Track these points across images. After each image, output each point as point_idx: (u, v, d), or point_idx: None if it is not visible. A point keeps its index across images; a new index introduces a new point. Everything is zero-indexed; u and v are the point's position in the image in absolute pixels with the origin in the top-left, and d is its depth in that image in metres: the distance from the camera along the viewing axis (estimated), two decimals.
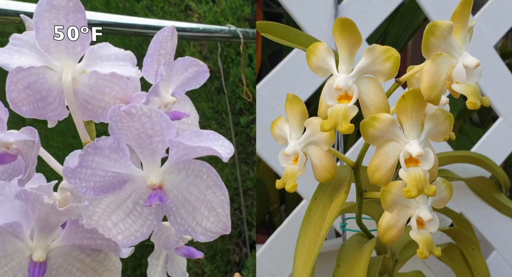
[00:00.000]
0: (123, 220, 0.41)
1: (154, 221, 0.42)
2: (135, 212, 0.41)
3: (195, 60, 0.50)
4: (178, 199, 0.41)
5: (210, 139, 0.40)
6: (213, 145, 0.40)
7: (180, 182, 0.41)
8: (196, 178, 0.41)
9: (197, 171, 0.41)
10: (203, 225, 0.42)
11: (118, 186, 0.41)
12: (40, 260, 0.39)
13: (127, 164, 0.40)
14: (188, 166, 0.41)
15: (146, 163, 0.41)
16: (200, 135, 0.40)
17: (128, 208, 0.41)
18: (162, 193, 0.40)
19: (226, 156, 0.39)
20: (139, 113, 0.38)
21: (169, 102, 0.47)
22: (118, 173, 0.40)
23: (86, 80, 0.44)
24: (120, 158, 0.40)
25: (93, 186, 0.40)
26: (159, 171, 0.41)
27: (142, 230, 0.41)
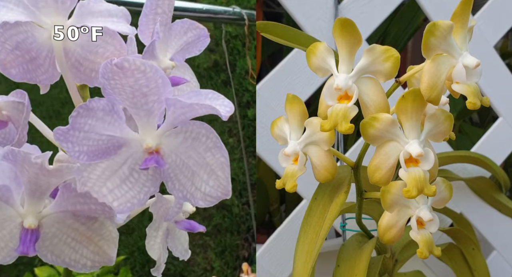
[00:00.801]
0: (119, 186, 0.39)
1: (152, 188, 0.40)
2: (131, 178, 0.40)
3: (195, 22, 0.48)
4: (176, 164, 0.40)
5: (209, 98, 0.38)
6: (212, 103, 0.38)
7: (178, 146, 0.39)
8: (195, 140, 0.39)
9: (196, 133, 0.39)
10: (202, 190, 0.40)
11: (113, 151, 0.39)
12: (31, 227, 0.37)
13: (121, 127, 0.38)
14: (186, 128, 0.39)
15: (142, 125, 0.39)
16: (199, 94, 0.38)
17: (124, 174, 0.39)
18: (159, 157, 0.38)
19: (225, 114, 0.37)
20: (132, 68, 0.36)
21: (167, 66, 0.44)
22: (112, 137, 0.38)
23: (78, 38, 0.41)
24: (114, 120, 0.38)
25: (86, 150, 0.38)
26: (156, 133, 0.39)
27: (139, 197, 0.40)
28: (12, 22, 0.39)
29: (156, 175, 0.40)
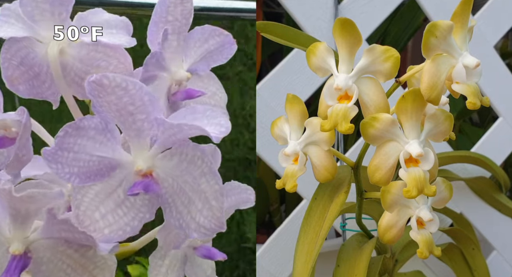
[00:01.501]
0: (113, 211, 0.37)
1: (147, 214, 0.38)
2: (127, 202, 0.37)
3: (217, 29, 0.44)
4: (173, 189, 0.37)
5: (207, 117, 0.35)
6: (205, 123, 0.35)
7: (173, 168, 0.37)
8: (190, 164, 0.37)
9: (191, 155, 0.37)
10: (196, 220, 0.37)
11: (107, 173, 0.37)
12: (16, 253, 0.35)
13: (114, 148, 0.36)
14: (181, 150, 0.37)
15: (134, 146, 0.37)
16: (195, 112, 0.36)
17: (119, 198, 0.37)
18: (151, 181, 0.36)
19: (217, 135, 0.34)
20: (112, 85, 0.34)
21: (181, 78, 0.42)
22: (104, 158, 0.36)
23: (76, 52, 0.39)
24: (107, 140, 0.36)
25: (77, 172, 0.36)
26: (147, 155, 0.36)
27: (133, 224, 0.37)
28: (14, 38, 0.38)
29: (153, 200, 0.38)
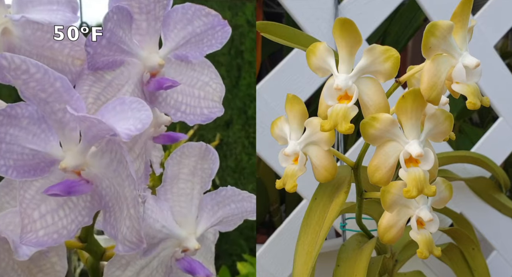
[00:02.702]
0: (53, 211, 0.34)
1: (86, 218, 0.34)
2: (69, 203, 0.34)
3: (203, 8, 0.40)
4: (112, 191, 0.34)
5: (132, 109, 0.33)
6: (125, 117, 0.32)
7: (106, 168, 0.33)
8: (120, 164, 0.33)
9: (120, 154, 0.33)
10: (121, 230, 0.34)
11: (46, 168, 0.34)
12: None
13: (47, 140, 0.33)
14: (110, 147, 0.33)
15: (62, 140, 0.33)
16: (123, 103, 0.33)
17: (62, 198, 0.34)
18: (79, 181, 0.33)
19: (127, 133, 0.31)
20: (12, 67, 0.30)
21: (153, 65, 0.38)
22: (36, 151, 0.33)
23: (20, 32, 0.35)
24: (41, 132, 0.33)
25: (13, 165, 0.33)
26: (76, 150, 0.33)
27: (70, 228, 0.34)
28: None
29: (94, 203, 0.35)
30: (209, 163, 0.42)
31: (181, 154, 0.41)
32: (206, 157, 0.42)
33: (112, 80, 0.38)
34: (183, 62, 0.41)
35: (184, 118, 0.41)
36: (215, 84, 0.43)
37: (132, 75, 0.38)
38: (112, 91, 0.37)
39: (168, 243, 0.40)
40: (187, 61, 0.41)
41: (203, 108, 0.42)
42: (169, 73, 0.40)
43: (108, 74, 0.37)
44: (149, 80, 0.39)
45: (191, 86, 0.42)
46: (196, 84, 0.42)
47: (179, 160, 0.41)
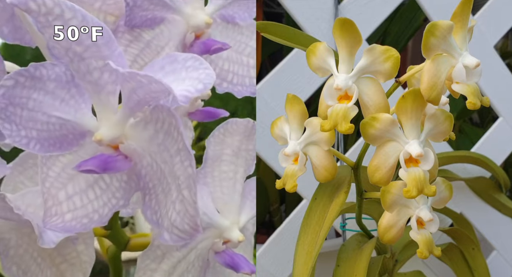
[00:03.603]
0: (82, 192, 0.29)
1: (121, 201, 0.30)
2: (101, 183, 0.29)
3: None
4: (153, 170, 0.29)
5: (186, 68, 0.27)
6: (180, 77, 0.27)
7: (150, 142, 0.28)
8: (167, 136, 0.28)
9: (168, 124, 0.28)
10: (169, 216, 0.29)
11: (75, 141, 0.29)
12: None
13: (78, 108, 0.28)
14: (156, 116, 0.28)
15: (98, 107, 0.28)
16: (174, 61, 0.27)
17: (92, 176, 0.29)
18: (117, 157, 0.27)
19: (185, 95, 0.26)
20: (42, 11, 0.25)
21: (198, 24, 0.33)
22: (64, 120, 0.28)
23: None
24: (71, 97, 0.28)
25: (36, 136, 0.27)
26: (114, 120, 0.28)
27: (102, 212, 0.29)
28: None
29: (132, 183, 0.30)
30: (253, 143, 0.38)
31: (225, 131, 0.36)
32: (252, 136, 0.38)
33: (151, 40, 0.33)
34: (229, 24, 0.36)
35: (231, 89, 0.36)
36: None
37: (173, 35, 0.34)
38: (150, 54, 0.33)
39: (207, 234, 0.34)
40: (234, 23, 0.37)
41: (253, 78, 0.37)
42: (215, 36, 0.35)
43: (147, 33, 0.32)
44: (192, 42, 0.34)
45: (238, 53, 0.37)
46: (244, 50, 0.37)
47: (222, 138, 0.36)
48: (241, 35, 0.37)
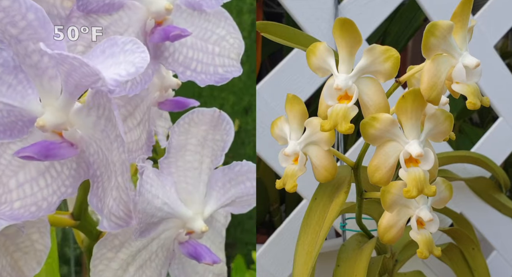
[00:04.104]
0: (33, 180, 0.29)
1: (69, 189, 0.30)
2: (52, 171, 0.29)
3: None
4: (100, 157, 0.28)
5: (124, 52, 0.27)
6: (116, 61, 0.26)
7: (93, 128, 0.28)
8: (108, 122, 0.27)
9: (108, 110, 0.27)
10: (107, 203, 0.28)
11: (24, 128, 0.28)
12: None
13: (25, 94, 0.27)
14: (98, 102, 0.27)
15: (41, 93, 0.27)
16: (113, 45, 0.27)
17: (44, 164, 0.29)
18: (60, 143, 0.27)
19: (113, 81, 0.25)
20: None
21: (158, 10, 0.32)
22: (11, 107, 0.27)
23: None
24: (18, 83, 0.27)
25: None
26: (55, 106, 0.27)
27: (51, 200, 0.29)
28: None
29: (81, 171, 0.29)
30: (222, 133, 0.37)
31: (190, 121, 0.35)
32: (219, 126, 0.37)
33: (108, 26, 0.32)
34: (195, 11, 0.36)
35: (194, 78, 0.35)
36: (232, 38, 0.37)
37: (132, 21, 0.33)
38: None
39: (170, 224, 0.35)
40: (200, 10, 0.36)
41: (217, 66, 0.36)
42: (179, 24, 0.35)
43: (104, 18, 0.32)
44: (153, 28, 0.33)
45: (204, 40, 0.36)
46: (210, 37, 0.36)
47: (187, 128, 0.35)
48: (207, 23, 0.36)
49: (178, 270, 0.36)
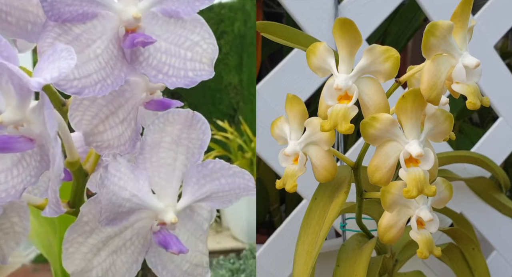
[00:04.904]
0: (8, 170, 0.32)
1: (33, 179, 0.33)
2: (24, 162, 0.33)
3: None
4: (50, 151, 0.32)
5: (60, 58, 0.30)
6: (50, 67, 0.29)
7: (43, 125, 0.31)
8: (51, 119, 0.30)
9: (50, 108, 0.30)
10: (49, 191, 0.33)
11: None
12: None
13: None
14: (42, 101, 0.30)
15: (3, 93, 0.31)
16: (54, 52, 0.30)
17: (17, 156, 0.33)
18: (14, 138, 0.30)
19: (35, 84, 0.28)
20: None
21: (128, 19, 0.35)
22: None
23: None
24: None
25: None
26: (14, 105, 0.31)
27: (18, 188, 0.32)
28: None
29: (43, 163, 0.33)
30: (198, 132, 0.39)
31: (165, 121, 0.38)
32: (194, 126, 0.38)
33: (81, 33, 0.34)
34: (172, 18, 0.38)
35: (166, 81, 0.37)
36: (206, 44, 0.38)
37: (106, 29, 0.36)
38: (79, 46, 0.34)
39: (142, 214, 0.37)
40: (177, 18, 0.38)
41: (188, 71, 0.38)
42: (154, 31, 0.37)
43: (78, 27, 0.34)
44: (124, 36, 0.36)
45: (178, 46, 0.38)
46: (184, 43, 0.38)
47: (162, 127, 0.38)
48: (182, 29, 0.38)
49: (154, 257, 0.38)
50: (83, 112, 0.37)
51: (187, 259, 0.40)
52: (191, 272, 0.40)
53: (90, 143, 0.37)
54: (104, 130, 0.37)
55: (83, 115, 0.37)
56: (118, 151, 0.38)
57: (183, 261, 0.40)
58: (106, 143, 0.38)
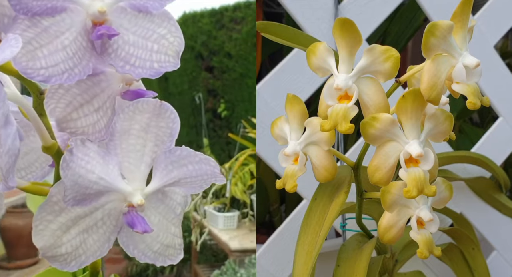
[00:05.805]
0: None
1: None
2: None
3: None
4: None
5: (9, 46, 0.33)
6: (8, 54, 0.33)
7: None
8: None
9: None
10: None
11: None
12: None
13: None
14: None
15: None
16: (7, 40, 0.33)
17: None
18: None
19: None
20: None
21: (94, 13, 0.37)
22: None
23: None
24: None
25: None
26: None
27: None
28: None
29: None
30: (167, 121, 0.41)
31: (134, 109, 0.40)
32: (163, 114, 0.40)
33: (49, 26, 0.37)
34: (141, 13, 0.40)
35: (132, 71, 0.40)
36: (173, 37, 0.40)
37: (75, 22, 0.38)
38: (47, 37, 0.37)
39: (112, 197, 0.40)
40: (146, 12, 0.40)
41: (154, 62, 0.40)
42: (123, 24, 0.39)
43: (46, 20, 0.37)
44: (91, 28, 0.38)
45: (145, 38, 0.40)
46: (151, 36, 0.40)
47: (131, 115, 0.40)
48: (150, 23, 0.40)
49: (126, 238, 0.41)
50: (58, 100, 0.39)
51: (158, 240, 0.43)
52: (162, 252, 0.43)
53: (64, 129, 0.40)
54: (78, 117, 0.40)
55: (57, 103, 0.39)
56: (93, 138, 0.41)
57: (154, 242, 0.42)
58: (80, 130, 0.40)
